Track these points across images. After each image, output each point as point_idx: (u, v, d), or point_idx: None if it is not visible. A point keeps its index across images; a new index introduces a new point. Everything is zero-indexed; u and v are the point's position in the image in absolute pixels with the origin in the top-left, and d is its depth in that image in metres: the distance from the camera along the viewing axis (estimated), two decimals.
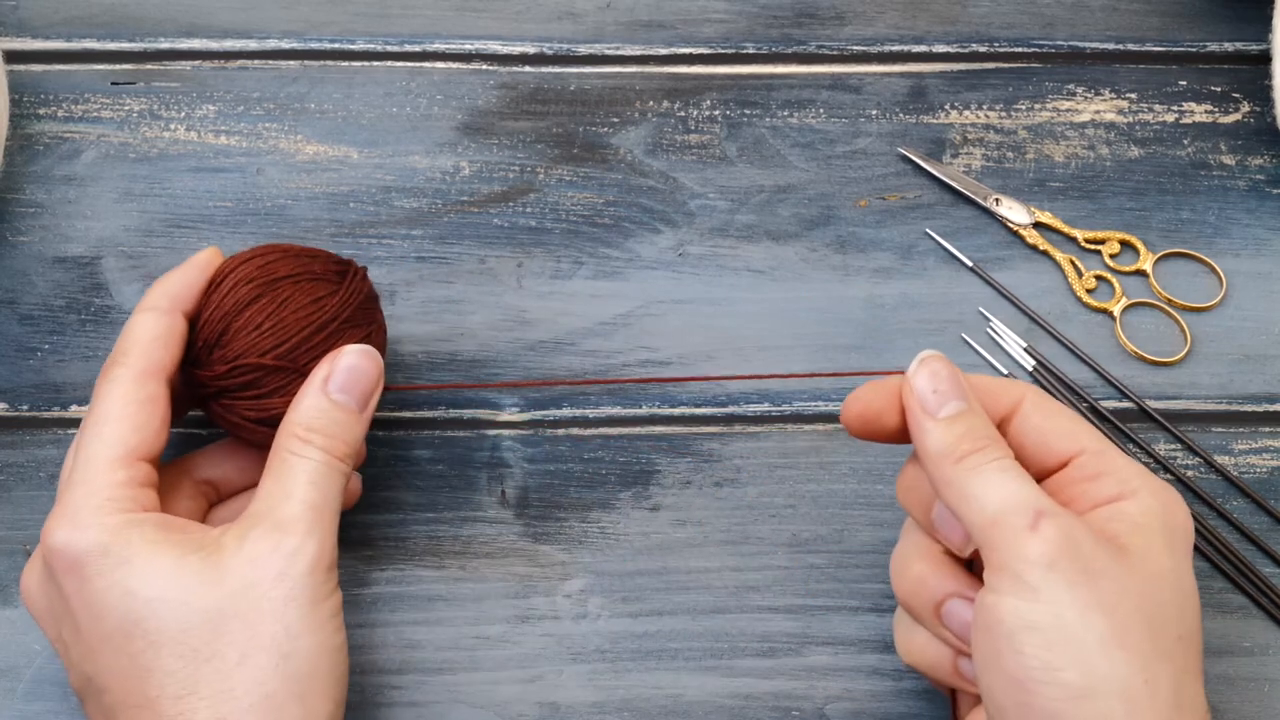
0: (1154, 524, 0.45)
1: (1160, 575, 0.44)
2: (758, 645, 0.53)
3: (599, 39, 0.64)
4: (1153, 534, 0.45)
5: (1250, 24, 0.63)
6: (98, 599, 0.45)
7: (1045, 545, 0.43)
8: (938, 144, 0.62)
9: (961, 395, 0.46)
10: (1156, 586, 0.44)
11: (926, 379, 0.46)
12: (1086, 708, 0.41)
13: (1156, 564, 0.44)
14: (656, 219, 0.60)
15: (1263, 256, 0.60)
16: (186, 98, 0.62)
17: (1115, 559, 0.43)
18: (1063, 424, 0.47)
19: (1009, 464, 0.45)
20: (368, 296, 0.51)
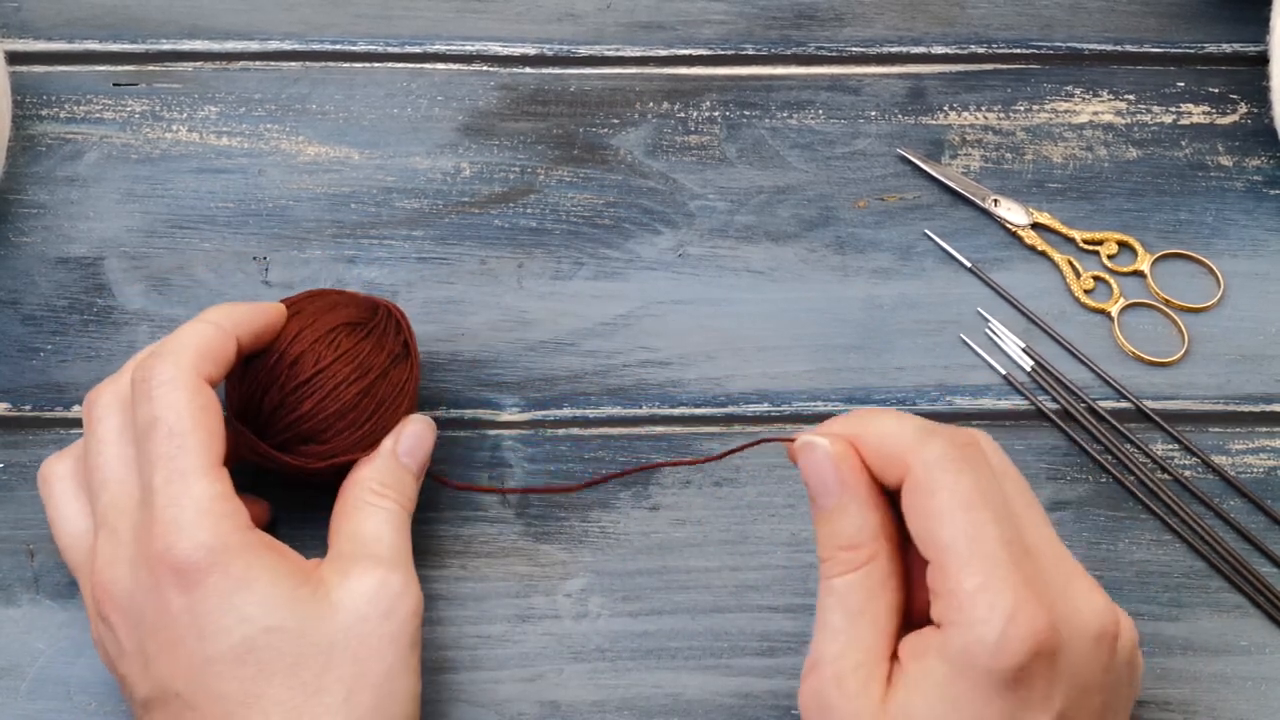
0: (942, 669, 0.41)
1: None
2: (757, 644, 0.54)
3: (599, 40, 0.64)
4: (934, 681, 0.41)
5: (1248, 25, 0.64)
6: (211, 620, 0.45)
7: (800, 704, 0.44)
8: (936, 145, 0.62)
9: (829, 491, 0.44)
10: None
11: (802, 470, 0.45)
12: None
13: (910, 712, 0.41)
14: (656, 220, 0.60)
15: (1260, 257, 0.60)
16: (188, 99, 0.62)
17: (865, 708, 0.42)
18: (921, 523, 0.43)
19: (841, 587, 0.43)
20: (403, 336, 0.53)
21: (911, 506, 0.43)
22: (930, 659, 0.42)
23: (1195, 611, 0.54)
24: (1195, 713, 0.53)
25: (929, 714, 0.41)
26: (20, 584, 0.54)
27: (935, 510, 0.42)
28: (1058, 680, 0.41)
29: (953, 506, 0.42)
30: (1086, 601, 0.43)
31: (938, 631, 0.42)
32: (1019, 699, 0.41)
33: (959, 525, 0.42)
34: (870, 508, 0.44)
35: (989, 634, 0.40)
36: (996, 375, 0.58)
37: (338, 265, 0.59)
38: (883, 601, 0.44)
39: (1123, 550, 0.55)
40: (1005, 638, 0.40)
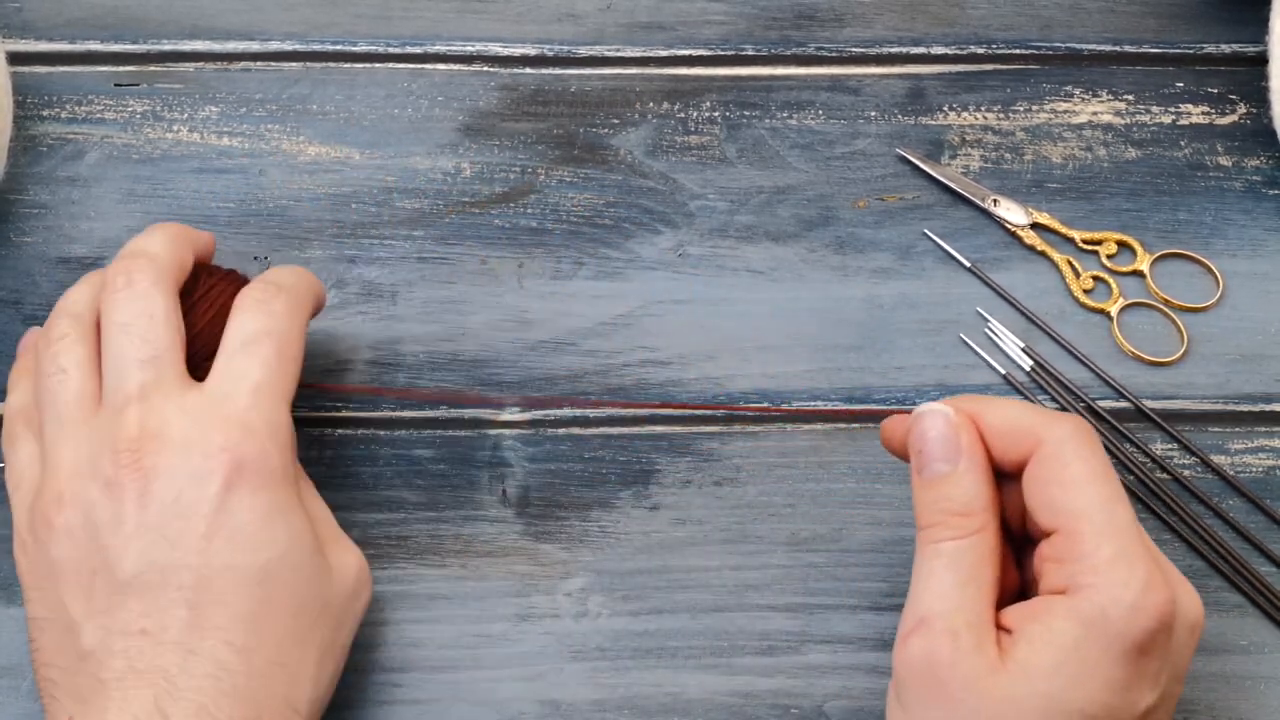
0: (1073, 630, 0.42)
1: (1033, 695, 0.42)
2: (757, 644, 0.54)
3: (599, 41, 0.64)
4: (1061, 643, 0.42)
5: (1247, 26, 0.64)
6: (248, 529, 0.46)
7: (902, 663, 0.44)
8: (936, 145, 0.62)
9: (948, 457, 0.45)
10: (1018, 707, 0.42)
11: (917, 436, 0.46)
12: None
13: (1037, 682, 0.42)
14: (656, 220, 0.61)
15: (1259, 257, 0.60)
16: (189, 99, 0.62)
17: (981, 676, 0.42)
18: (1056, 493, 0.44)
19: (951, 551, 0.44)
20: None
21: (1039, 478, 0.44)
22: (1057, 620, 0.42)
23: None
24: (1195, 712, 0.53)
25: (1054, 671, 0.42)
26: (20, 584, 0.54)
27: (1070, 479, 0.43)
28: (1168, 660, 0.43)
29: (1089, 477, 0.43)
30: (1186, 591, 0.44)
31: (1064, 597, 0.42)
32: (1138, 670, 0.42)
33: (1095, 495, 0.43)
34: (987, 479, 0.45)
35: (1127, 597, 0.41)
36: (996, 375, 0.58)
37: (338, 265, 0.59)
38: (990, 571, 0.44)
39: None
40: (1141, 604, 0.41)
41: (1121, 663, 0.42)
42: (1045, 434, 0.44)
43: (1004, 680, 0.42)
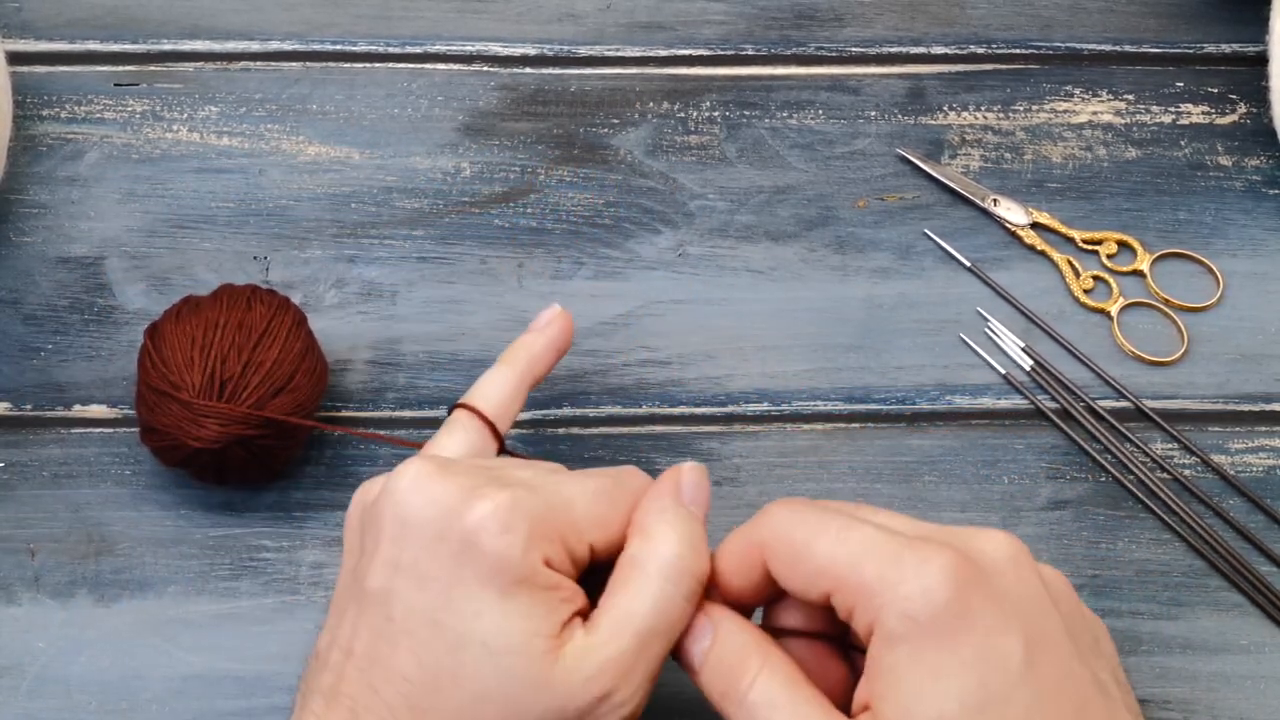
0: (900, 655, 0.40)
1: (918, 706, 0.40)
2: None
3: (599, 41, 0.64)
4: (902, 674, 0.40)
5: (1247, 25, 0.64)
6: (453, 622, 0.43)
7: None
8: (936, 145, 0.62)
9: (700, 636, 0.44)
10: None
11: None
12: None
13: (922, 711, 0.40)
14: (656, 219, 0.61)
15: (1259, 257, 0.60)
16: (189, 99, 0.62)
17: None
18: (801, 567, 0.42)
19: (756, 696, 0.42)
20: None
21: (781, 569, 0.43)
22: (884, 657, 0.40)
23: (1195, 610, 0.54)
24: (1194, 711, 0.53)
25: (919, 699, 0.40)
26: (20, 583, 0.54)
27: (803, 544, 0.42)
28: (1001, 604, 0.40)
29: (819, 531, 0.42)
30: (983, 537, 0.42)
31: (874, 636, 0.41)
32: (980, 634, 0.40)
33: (834, 541, 0.42)
34: (745, 626, 0.44)
35: (913, 589, 0.40)
36: (996, 375, 0.58)
37: (338, 265, 0.59)
38: (803, 683, 0.42)
39: (1122, 549, 0.55)
40: (926, 583, 0.40)
41: (956, 639, 0.40)
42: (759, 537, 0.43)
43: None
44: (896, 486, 0.56)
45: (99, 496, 0.56)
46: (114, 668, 0.53)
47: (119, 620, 0.54)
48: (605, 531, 0.45)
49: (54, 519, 0.55)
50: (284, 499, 0.56)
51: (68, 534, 0.55)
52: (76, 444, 0.56)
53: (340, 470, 0.56)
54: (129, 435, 0.56)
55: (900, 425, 0.57)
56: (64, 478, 0.56)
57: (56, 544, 0.55)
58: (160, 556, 0.55)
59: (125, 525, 0.55)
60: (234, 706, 0.53)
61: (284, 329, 0.53)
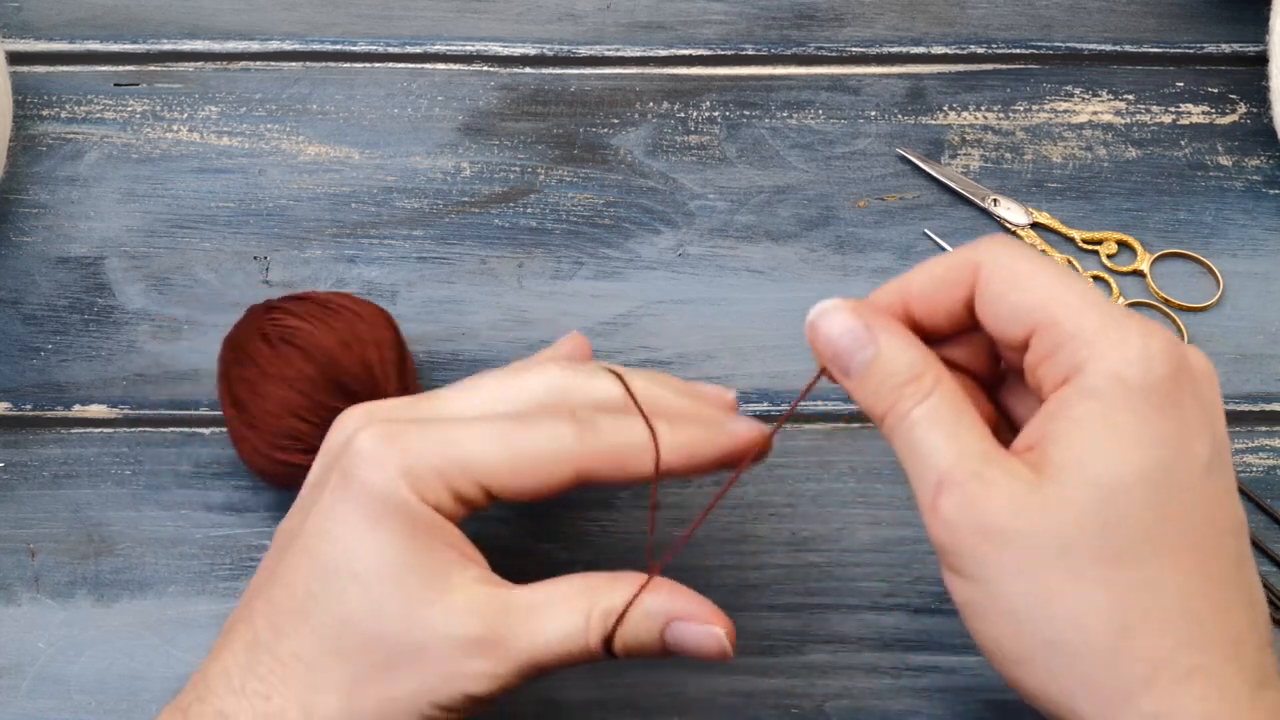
0: (1096, 407, 0.39)
1: (1085, 485, 0.39)
2: (757, 643, 0.54)
3: (599, 40, 0.64)
4: (1090, 425, 0.39)
5: (1247, 25, 0.64)
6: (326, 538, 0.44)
7: (942, 533, 0.40)
8: (936, 145, 0.62)
9: (864, 343, 0.42)
10: (1098, 503, 0.39)
11: (823, 344, 0.43)
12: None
13: (1086, 470, 0.39)
14: (656, 219, 0.61)
15: (1259, 257, 0.60)
16: (189, 99, 0.62)
17: (1025, 496, 0.39)
18: (1017, 296, 0.41)
19: (924, 414, 0.41)
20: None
21: (992, 296, 0.41)
22: (1076, 407, 0.39)
23: None
24: None
25: (1096, 456, 0.39)
26: (21, 583, 0.54)
27: (1022, 278, 0.41)
28: (1204, 405, 0.40)
29: (1038, 269, 0.41)
30: (1189, 347, 0.41)
31: (1071, 384, 0.39)
32: (1179, 419, 0.39)
33: (1054, 280, 0.41)
34: (915, 342, 0.42)
35: (1131, 353, 0.39)
36: None
37: (338, 265, 0.59)
38: (973, 412, 0.41)
39: None
40: (1148, 353, 0.39)
41: (1158, 416, 0.39)
42: (977, 258, 0.42)
43: (1051, 488, 0.39)
44: (897, 487, 0.56)
45: (99, 496, 0.56)
46: (114, 668, 0.53)
47: (119, 620, 0.54)
48: (503, 477, 0.44)
49: (54, 519, 0.55)
50: (284, 499, 0.56)
51: (68, 534, 0.55)
52: (76, 444, 0.56)
53: None
54: (129, 435, 0.56)
55: None
56: (64, 478, 0.56)
57: (56, 544, 0.55)
58: (160, 556, 0.55)
59: (125, 525, 0.55)
60: None
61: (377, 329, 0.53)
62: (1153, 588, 0.39)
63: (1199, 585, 0.39)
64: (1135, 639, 0.39)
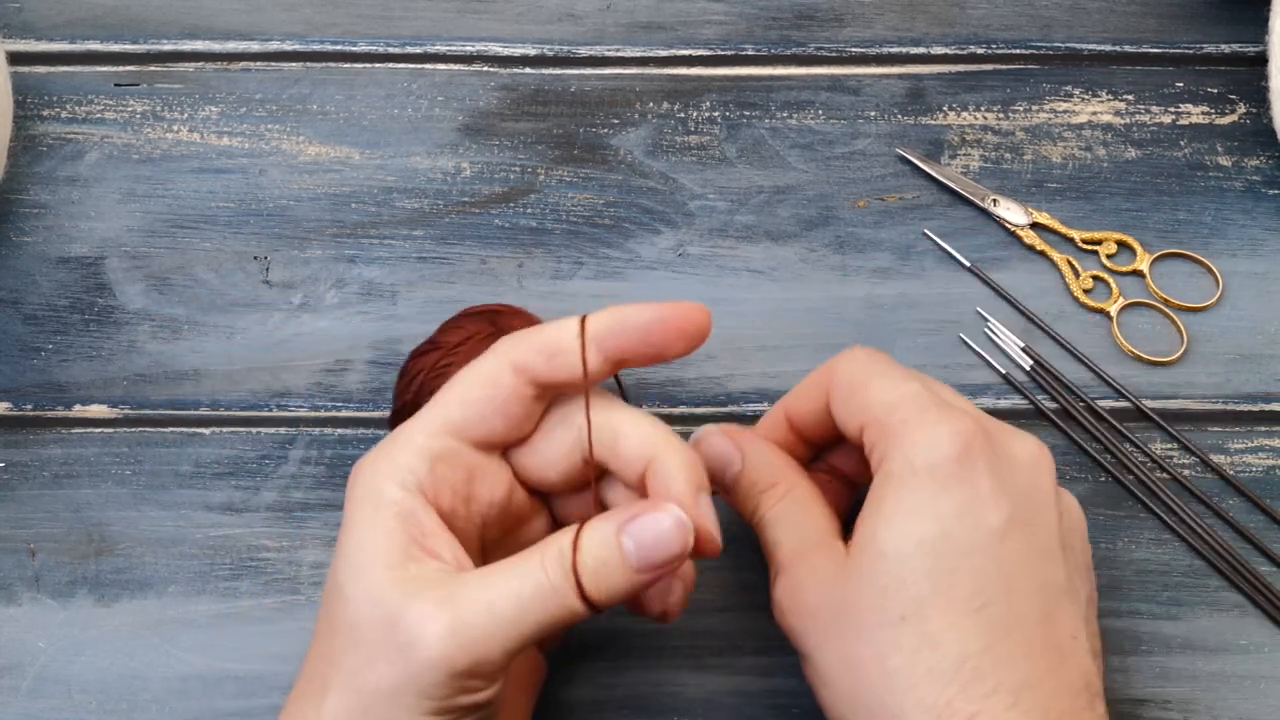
0: (891, 491, 0.44)
1: (881, 557, 0.43)
2: (758, 643, 0.54)
3: (599, 41, 0.64)
4: (887, 507, 0.44)
5: (1247, 25, 0.64)
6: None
7: (780, 614, 0.46)
8: (936, 145, 0.62)
9: (732, 458, 0.49)
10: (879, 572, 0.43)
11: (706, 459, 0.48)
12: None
13: (881, 544, 0.43)
14: (656, 219, 0.61)
15: (1259, 256, 0.60)
16: (189, 99, 0.62)
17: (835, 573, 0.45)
18: (852, 400, 0.46)
19: (774, 515, 0.48)
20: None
21: (837, 398, 0.47)
22: (876, 490, 0.44)
23: (1194, 610, 0.54)
24: (1194, 711, 0.53)
25: (890, 533, 0.43)
26: (21, 583, 0.54)
27: (860, 381, 0.46)
28: (1002, 484, 0.44)
29: (879, 375, 0.46)
30: (1018, 437, 0.46)
31: (877, 472, 0.45)
32: (967, 494, 0.43)
33: (886, 385, 0.46)
34: (774, 453, 0.49)
35: (921, 438, 0.44)
36: (996, 375, 0.58)
37: (338, 265, 0.59)
38: (817, 510, 0.47)
39: (1122, 549, 0.55)
40: (935, 434, 0.44)
41: (942, 494, 0.43)
42: (832, 369, 0.48)
43: (849, 564, 0.44)
44: None
45: (99, 496, 0.56)
46: (114, 668, 0.53)
47: (119, 620, 0.54)
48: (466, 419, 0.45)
49: (54, 519, 0.55)
50: (284, 499, 0.56)
51: (68, 534, 0.55)
52: (76, 444, 0.56)
53: (341, 470, 0.56)
54: (129, 435, 0.56)
55: None
56: (64, 478, 0.56)
57: (56, 544, 0.55)
58: (160, 556, 0.55)
59: (125, 525, 0.55)
60: (234, 706, 0.53)
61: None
62: (934, 643, 0.42)
63: (983, 639, 0.42)
64: (919, 692, 0.42)
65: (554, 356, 0.45)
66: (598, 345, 0.45)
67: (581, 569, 0.42)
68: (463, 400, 0.45)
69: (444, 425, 0.45)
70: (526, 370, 0.45)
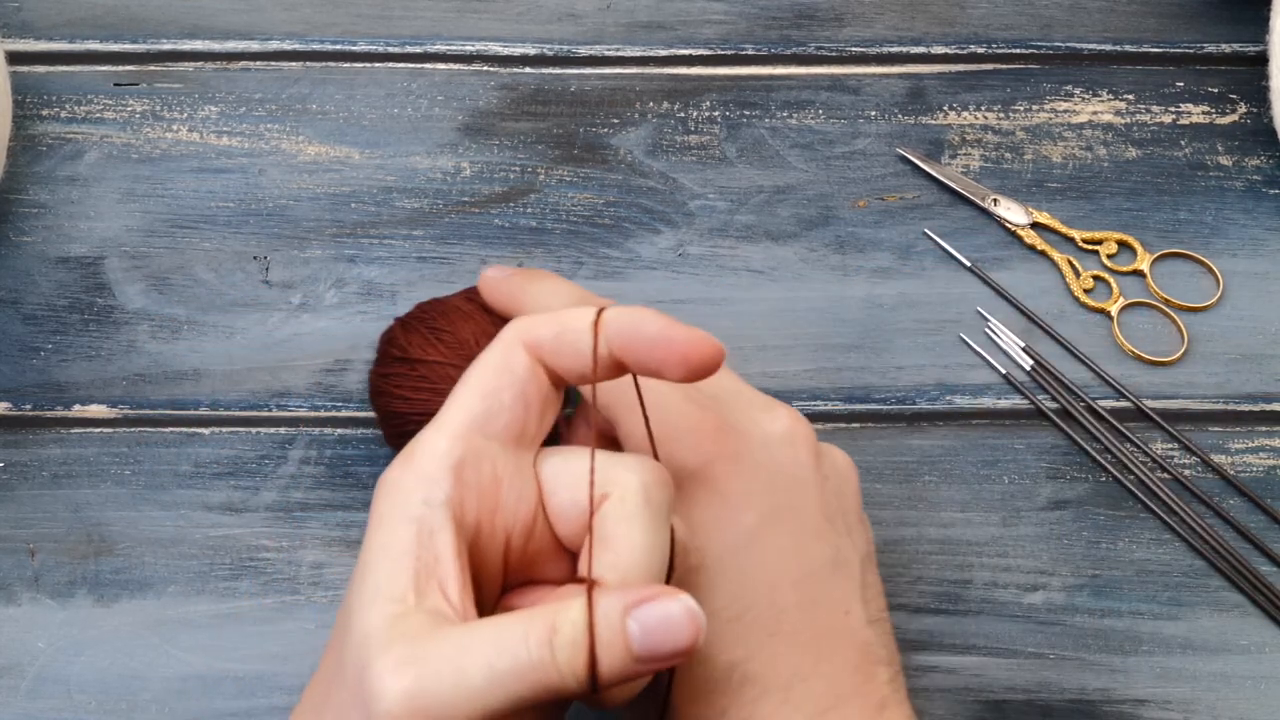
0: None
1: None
2: None
3: (599, 40, 0.64)
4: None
5: (1247, 25, 0.64)
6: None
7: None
8: (936, 145, 0.62)
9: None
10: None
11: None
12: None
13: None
14: (656, 219, 0.61)
15: (1259, 256, 0.60)
16: (189, 99, 0.62)
17: None
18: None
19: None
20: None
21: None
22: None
23: (1195, 611, 0.54)
24: (1195, 711, 0.53)
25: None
26: (20, 583, 0.54)
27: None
28: (752, 477, 0.43)
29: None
30: (769, 413, 0.45)
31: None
32: (714, 503, 0.43)
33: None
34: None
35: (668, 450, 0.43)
36: (996, 374, 0.58)
37: (338, 265, 0.59)
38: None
39: (1123, 549, 0.55)
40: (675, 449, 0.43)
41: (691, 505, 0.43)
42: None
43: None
44: (896, 486, 0.56)
45: (99, 496, 0.56)
46: (114, 668, 0.53)
47: (119, 620, 0.54)
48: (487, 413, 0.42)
49: (54, 519, 0.55)
50: (284, 499, 0.56)
51: (67, 534, 0.55)
52: (76, 444, 0.56)
53: (340, 470, 0.56)
54: (129, 435, 0.56)
55: (900, 425, 0.57)
56: (64, 478, 0.56)
57: (56, 544, 0.55)
58: (160, 556, 0.55)
59: (125, 525, 0.55)
60: (234, 706, 0.53)
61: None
62: (701, 658, 0.42)
63: (748, 645, 0.42)
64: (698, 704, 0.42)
65: (562, 334, 0.42)
66: (608, 338, 0.42)
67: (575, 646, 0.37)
68: (482, 392, 0.41)
69: (467, 423, 0.41)
70: (538, 349, 0.42)
